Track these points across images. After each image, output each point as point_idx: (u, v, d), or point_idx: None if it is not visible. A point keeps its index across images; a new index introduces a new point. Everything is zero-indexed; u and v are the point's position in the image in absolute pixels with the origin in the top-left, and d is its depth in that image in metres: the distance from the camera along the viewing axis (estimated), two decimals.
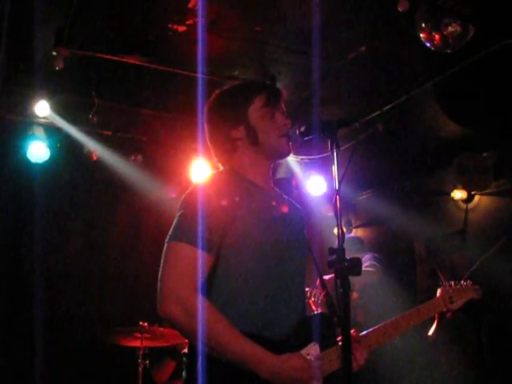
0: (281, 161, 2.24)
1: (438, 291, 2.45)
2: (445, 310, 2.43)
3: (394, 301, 4.63)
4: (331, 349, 1.92)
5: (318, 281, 2.13)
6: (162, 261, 1.85)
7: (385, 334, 2.12)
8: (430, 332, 3.36)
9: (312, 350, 1.88)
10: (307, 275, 2.07)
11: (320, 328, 1.94)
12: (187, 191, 1.95)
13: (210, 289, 1.84)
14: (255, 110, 2.05)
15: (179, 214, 1.89)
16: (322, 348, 1.90)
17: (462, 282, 2.57)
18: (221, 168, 2.12)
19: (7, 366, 4.68)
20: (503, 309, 4.46)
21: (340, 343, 1.92)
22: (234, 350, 1.73)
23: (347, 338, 1.69)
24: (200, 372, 1.73)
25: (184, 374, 1.87)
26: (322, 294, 2.03)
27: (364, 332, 2.07)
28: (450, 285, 2.51)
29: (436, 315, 2.59)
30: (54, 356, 4.84)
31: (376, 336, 2.09)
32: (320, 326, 1.95)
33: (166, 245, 1.86)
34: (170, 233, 1.87)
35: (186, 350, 1.88)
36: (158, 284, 1.81)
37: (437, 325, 3.23)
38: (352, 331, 1.96)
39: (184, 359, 1.88)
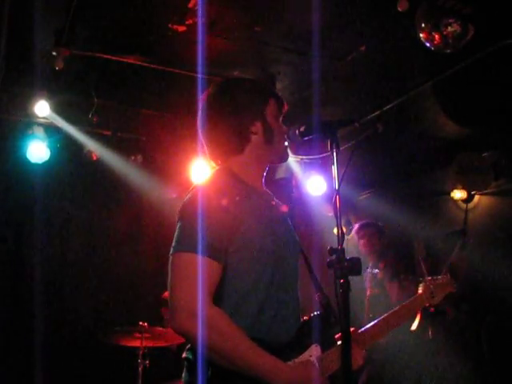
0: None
1: (420, 287, 2.48)
2: (427, 305, 2.46)
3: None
4: (331, 349, 1.92)
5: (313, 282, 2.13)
6: (170, 273, 1.77)
7: (379, 332, 2.13)
8: (414, 327, 3.39)
9: (314, 352, 1.88)
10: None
11: (320, 329, 1.94)
12: (187, 197, 1.88)
13: (218, 297, 1.80)
14: (271, 110, 2.04)
15: (183, 222, 1.82)
16: (323, 349, 1.91)
17: (440, 276, 2.61)
18: (215, 166, 2.06)
19: (7, 366, 4.68)
20: (503, 309, 4.46)
21: (339, 343, 1.92)
22: (253, 363, 1.71)
23: (347, 338, 1.69)
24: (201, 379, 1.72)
25: (187, 377, 1.83)
26: (317, 294, 2.02)
27: (359, 330, 2.08)
28: (430, 280, 2.54)
29: (419, 310, 2.62)
30: (54, 356, 4.84)
31: (371, 334, 2.09)
32: (320, 327, 1.94)
33: (172, 256, 1.78)
34: (174, 243, 1.80)
35: (185, 355, 1.84)
36: (170, 298, 1.73)
37: (420, 319, 3.26)
38: (351, 330, 1.96)
39: (186, 363, 1.83)
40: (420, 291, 2.46)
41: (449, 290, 2.57)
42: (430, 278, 2.55)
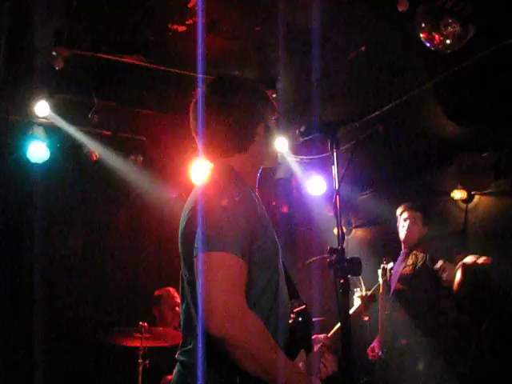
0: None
1: (359, 299, 2.81)
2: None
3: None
4: (311, 354, 1.94)
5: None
6: (203, 273, 1.65)
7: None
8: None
9: (302, 357, 1.89)
10: None
11: (306, 334, 1.94)
12: (202, 197, 1.78)
13: None
14: (270, 115, 2.05)
15: (206, 221, 1.71)
16: (307, 353, 1.92)
17: (369, 290, 3.16)
18: (211, 164, 2.02)
19: (7, 366, 4.68)
20: (503, 309, 4.45)
21: (315, 348, 1.99)
22: (286, 376, 1.67)
23: (348, 339, 1.69)
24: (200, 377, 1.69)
25: (185, 381, 1.78)
26: (291, 301, 2.00)
27: (328, 335, 2.15)
28: (365, 293, 3.10)
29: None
30: (54, 356, 4.84)
31: (336, 339, 2.15)
32: (305, 332, 1.94)
33: (203, 255, 1.66)
34: (200, 243, 1.69)
35: (182, 358, 1.80)
36: (206, 300, 1.61)
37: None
38: (322, 336, 2.01)
39: (183, 367, 1.79)
40: (361, 302, 2.98)
41: (373, 301, 3.30)
42: (363, 290, 3.08)
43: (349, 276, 1.77)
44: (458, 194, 5.14)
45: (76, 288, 5.30)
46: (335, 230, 1.87)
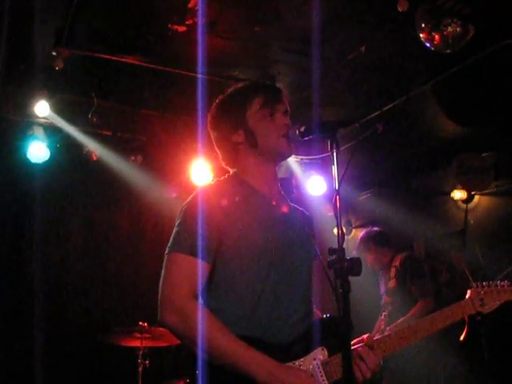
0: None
1: (468, 292, 2.25)
2: (474, 312, 2.24)
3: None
4: (337, 354, 1.84)
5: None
6: (162, 272, 1.90)
7: (402, 339, 1.99)
8: (462, 337, 3.16)
9: (319, 355, 1.84)
10: (317, 280, 2.06)
11: (329, 332, 1.90)
12: (187, 200, 1.97)
13: (209, 295, 1.87)
14: (253, 112, 2.04)
15: (177, 223, 1.93)
16: (332, 353, 1.86)
17: (498, 282, 2.33)
18: (230, 171, 2.13)
19: (7, 366, 4.68)
20: (503, 309, 4.45)
21: (353, 348, 1.85)
22: (231, 355, 1.74)
23: (347, 340, 1.66)
24: (200, 376, 1.74)
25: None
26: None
27: (378, 336, 1.98)
28: (482, 286, 2.28)
29: (466, 319, 2.37)
30: (54, 356, 4.84)
31: (392, 341, 1.97)
32: (329, 330, 1.91)
33: (165, 256, 1.90)
34: (169, 243, 1.91)
35: None
36: (159, 294, 1.87)
37: (467, 329, 3.03)
38: (366, 336, 1.94)
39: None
40: (467, 297, 2.24)
41: (507, 298, 2.31)
42: (482, 283, 2.31)
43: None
44: (458, 194, 5.14)
45: (76, 288, 5.30)
46: (335, 230, 1.86)
